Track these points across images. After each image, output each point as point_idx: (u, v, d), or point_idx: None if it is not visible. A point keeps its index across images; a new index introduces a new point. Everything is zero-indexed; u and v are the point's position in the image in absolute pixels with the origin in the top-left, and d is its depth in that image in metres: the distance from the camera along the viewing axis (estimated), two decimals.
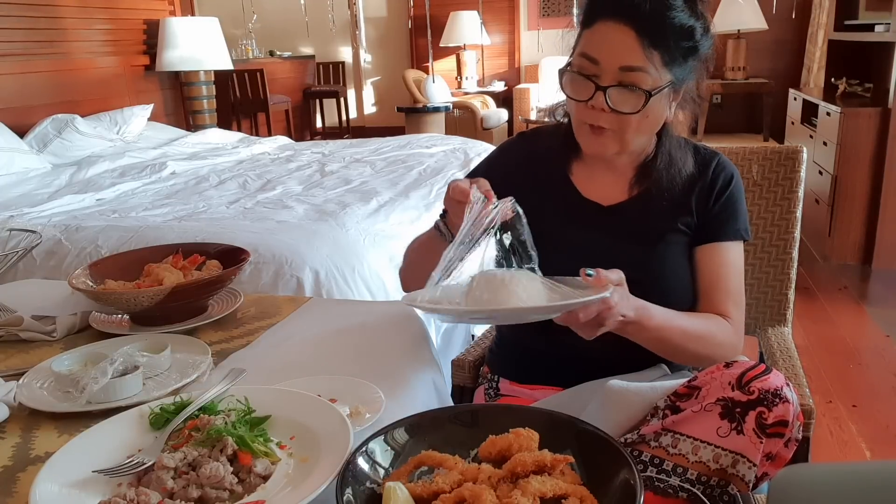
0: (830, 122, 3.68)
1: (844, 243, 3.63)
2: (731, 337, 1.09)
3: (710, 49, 1.07)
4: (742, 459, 0.84)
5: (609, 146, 1.07)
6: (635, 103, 1.01)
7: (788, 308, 1.45)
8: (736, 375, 0.85)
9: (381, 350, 1.07)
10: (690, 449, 0.86)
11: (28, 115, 3.42)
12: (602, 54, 1.01)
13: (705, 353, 1.06)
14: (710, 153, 1.18)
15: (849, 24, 4.25)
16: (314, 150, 3.57)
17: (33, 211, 2.39)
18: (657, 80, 1.01)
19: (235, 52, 5.94)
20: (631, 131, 1.05)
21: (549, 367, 1.16)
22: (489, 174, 1.22)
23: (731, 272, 1.13)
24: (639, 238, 1.12)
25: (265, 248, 1.84)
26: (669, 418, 0.88)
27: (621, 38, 1.00)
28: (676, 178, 1.12)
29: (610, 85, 1.01)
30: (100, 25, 4.00)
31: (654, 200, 1.13)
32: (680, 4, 1.00)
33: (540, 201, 1.17)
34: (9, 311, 1.17)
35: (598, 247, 1.13)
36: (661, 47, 1.00)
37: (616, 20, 1.00)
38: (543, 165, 1.20)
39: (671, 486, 0.86)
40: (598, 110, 1.03)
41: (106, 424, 0.81)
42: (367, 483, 0.71)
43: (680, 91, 1.07)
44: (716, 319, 1.09)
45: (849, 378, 2.51)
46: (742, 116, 5.96)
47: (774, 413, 0.82)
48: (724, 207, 1.14)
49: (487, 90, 6.69)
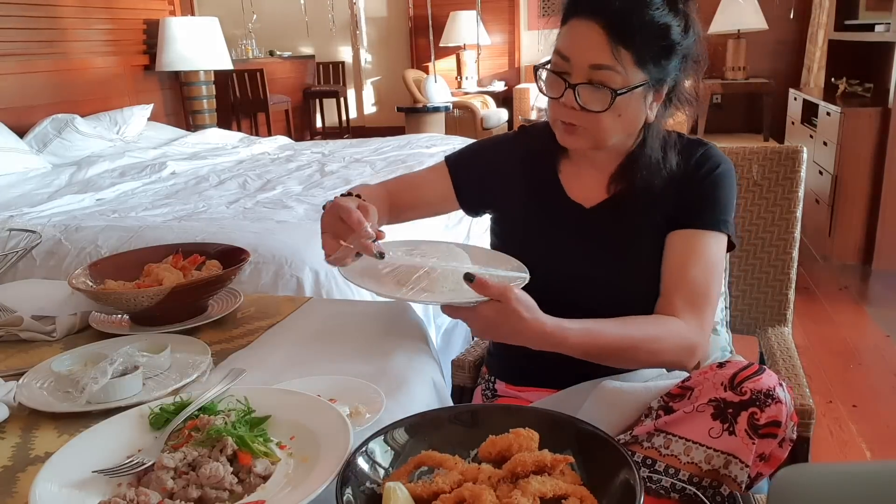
0: (830, 122, 3.68)
1: (844, 243, 3.62)
2: (685, 339, 1.00)
3: (693, 47, 1.05)
4: (734, 460, 0.83)
5: (581, 142, 1.07)
6: (603, 101, 1.00)
7: (788, 308, 1.45)
8: (728, 376, 0.85)
9: (381, 350, 1.07)
10: (682, 450, 0.86)
11: (28, 115, 3.42)
12: (572, 52, 1.01)
13: (651, 362, 1.01)
14: (698, 144, 1.14)
15: (849, 24, 4.25)
16: (314, 150, 3.57)
17: (33, 211, 2.39)
18: (627, 80, 0.99)
19: (235, 52, 5.94)
20: (603, 130, 1.03)
21: (546, 371, 1.16)
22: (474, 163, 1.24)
23: (697, 263, 1.05)
24: (616, 239, 1.12)
25: (265, 248, 1.83)
26: (662, 419, 0.88)
27: (591, 36, 0.99)
28: (656, 177, 1.09)
29: (579, 83, 1.00)
30: (99, 25, 3.99)
31: (633, 199, 1.11)
32: (657, 2, 0.99)
33: (526, 208, 1.18)
34: (9, 311, 1.17)
35: (577, 251, 1.13)
36: (630, 46, 0.98)
37: (587, 17, 0.99)
38: (536, 165, 1.19)
39: (663, 487, 0.86)
40: (568, 108, 1.03)
41: (106, 424, 0.81)
42: (367, 483, 0.71)
43: (662, 92, 1.05)
44: (662, 322, 1.02)
45: (849, 378, 2.51)
46: (742, 116, 5.96)
47: (767, 413, 0.82)
48: (703, 193, 1.09)
49: (487, 90, 6.69)
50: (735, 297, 1.47)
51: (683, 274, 1.05)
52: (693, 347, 1.01)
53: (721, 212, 1.09)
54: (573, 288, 1.09)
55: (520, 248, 1.16)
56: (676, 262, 1.07)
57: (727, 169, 1.12)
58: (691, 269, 1.05)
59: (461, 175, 1.23)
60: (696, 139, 1.15)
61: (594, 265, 1.12)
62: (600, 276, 1.10)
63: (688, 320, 1.02)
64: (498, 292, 0.89)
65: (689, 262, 1.06)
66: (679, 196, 1.10)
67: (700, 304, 1.04)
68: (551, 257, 1.13)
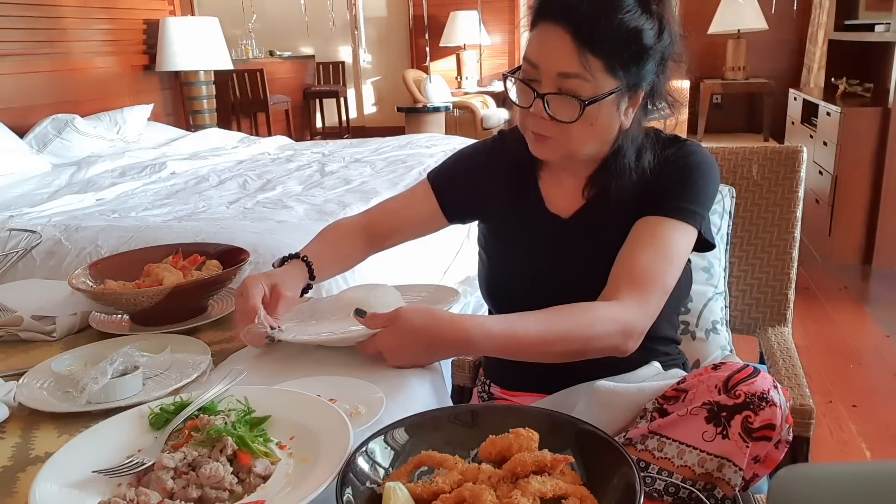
0: (830, 122, 3.68)
1: (844, 243, 3.62)
2: (619, 322, 0.94)
3: (671, 48, 1.00)
4: (727, 463, 0.83)
5: (553, 153, 1.04)
6: (573, 112, 0.96)
7: (788, 308, 1.45)
8: (723, 378, 0.84)
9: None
10: (676, 453, 0.85)
11: (28, 115, 3.42)
12: (540, 59, 0.97)
13: (586, 350, 0.96)
14: (676, 140, 1.09)
15: (849, 24, 4.25)
16: (314, 150, 3.57)
17: (33, 211, 2.38)
18: (597, 88, 0.95)
19: (235, 51, 5.93)
20: (574, 140, 1.00)
21: (539, 376, 1.16)
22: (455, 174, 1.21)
23: (650, 248, 0.99)
24: (593, 248, 1.09)
25: (265, 248, 1.83)
26: (656, 421, 0.88)
27: (559, 43, 0.94)
28: (625, 180, 1.05)
29: (548, 92, 0.97)
30: (99, 25, 3.99)
31: (608, 205, 1.08)
32: (629, 4, 0.94)
33: (506, 217, 1.16)
34: (9, 311, 1.17)
35: (555, 262, 1.12)
36: (599, 53, 0.93)
37: (554, 23, 0.95)
38: (517, 172, 1.16)
39: (656, 490, 0.86)
40: (538, 118, 0.99)
41: (106, 424, 0.81)
42: (367, 483, 0.71)
43: (637, 97, 1.01)
44: (594, 308, 0.96)
45: (849, 378, 2.51)
46: (742, 116, 5.96)
47: (761, 417, 0.81)
48: (671, 180, 1.05)
49: (487, 90, 6.69)
50: (735, 297, 1.47)
51: (633, 257, 1.00)
52: (629, 329, 0.95)
53: (689, 201, 1.03)
54: (553, 299, 1.07)
55: (500, 257, 1.16)
56: (629, 246, 1.02)
57: (702, 161, 1.06)
58: (642, 254, 0.99)
59: (445, 190, 1.20)
60: (675, 136, 1.10)
61: (573, 275, 1.10)
62: (580, 285, 1.07)
63: (626, 302, 0.96)
64: (387, 317, 0.92)
65: (642, 246, 1.00)
66: (647, 188, 1.05)
67: (644, 285, 0.97)
68: (530, 268, 1.13)
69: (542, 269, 1.13)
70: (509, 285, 1.16)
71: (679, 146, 1.08)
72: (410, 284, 1.24)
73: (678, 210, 1.02)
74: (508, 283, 1.16)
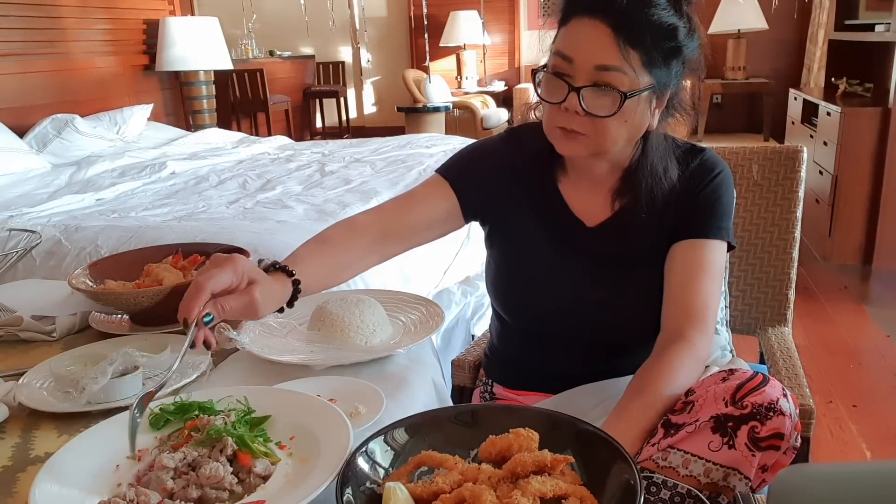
0: (831, 122, 3.68)
1: (844, 243, 3.63)
2: (698, 361, 0.97)
3: (696, 52, 1.01)
4: (733, 472, 0.82)
5: (582, 149, 1.01)
6: (610, 105, 0.95)
7: (788, 308, 1.45)
8: (731, 390, 0.83)
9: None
10: (681, 462, 0.84)
11: (28, 115, 3.42)
12: (577, 52, 0.95)
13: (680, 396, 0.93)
14: (696, 150, 1.10)
15: (849, 24, 4.25)
16: (314, 150, 3.57)
17: (33, 211, 2.38)
18: (635, 82, 0.94)
19: (235, 51, 5.94)
20: (608, 136, 0.98)
21: (543, 375, 1.16)
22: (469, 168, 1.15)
23: (701, 274, 1.02)
24: (620, 261, 1.08)
25: (265, 248, 1.83)
26: (666, 440, 0.85)
27: (597, 36, 0.93)
28: (657, 189, 1.05)
29: (584, 85, 0.95)
30: (99, 25, 3.99)
31: (637, 217, 1.07)
32: (662, 2, 0.94)
33: (525, 218, 1.12)
34: (9, 311, 1.17)
35: (579, 270, 1.09)
36: (639, 46, 0.93)
37: (592, 16, 0.94)
38: (532, 173, 1.13)
39: (661, 500, 0.85)
40: (571, 113, 0.97)
41: (106, 424, 0.81)
42: (367, 483, 0.71)
43: (664, 98, 1.01)
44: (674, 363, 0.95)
45: (849, 378, 2.51)
46: (742, 116, 5.96)
47: (768, 426, 0.79)
48: (705, 203, 1.06)
49: (487, 90, 6.69)
50: (735, 297, 1.47)
51: (688, 288, 1.02)
52: (705, 359, 0.99)
53: (721, 219, 1.06)
54: (573, 308, 1.06)
55: (518, 261, 1.14)
56: (680, 276, 1.04)
57: (726, 175, 1.09)
58: (695, 283, 1.02)
59: (460, 181, 1.13)
60: (692, 145, 1.11)
61: (595, 286, 1.08)
62: (601, 296, 1.07)
63: (694, 339, 0.98)
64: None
65: (690, 277, 1.03)
66: (681, 208, 1.06)
67: (705, 317, 1.01)
68: (551, 274, 1.10)
69: (558, 274, 1.10)
70: (522, 289, 1.14)
71: (701, 158, 1.09)
72: (398, 294, 1.23)
73: (715, 230, 1.05)
74: (521, 285, 1.14)
